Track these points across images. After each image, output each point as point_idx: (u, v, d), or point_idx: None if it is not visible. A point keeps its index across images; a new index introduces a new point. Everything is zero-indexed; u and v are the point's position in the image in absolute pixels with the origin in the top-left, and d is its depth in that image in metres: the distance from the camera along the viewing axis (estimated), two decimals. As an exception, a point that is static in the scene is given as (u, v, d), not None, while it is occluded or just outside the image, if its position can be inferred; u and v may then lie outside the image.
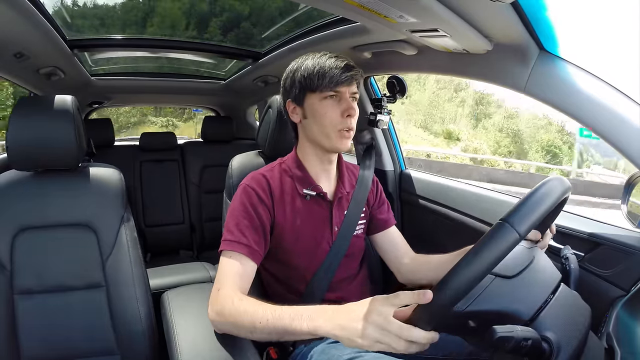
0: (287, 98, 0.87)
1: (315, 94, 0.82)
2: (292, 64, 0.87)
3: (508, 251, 0.47)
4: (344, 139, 0.83)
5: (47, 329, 0.87)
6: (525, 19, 0.69)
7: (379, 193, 1.01)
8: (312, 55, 0.84)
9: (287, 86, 0.86)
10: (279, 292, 0.91)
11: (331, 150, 0.86)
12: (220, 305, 0.71)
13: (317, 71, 0.80)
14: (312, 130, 0.84)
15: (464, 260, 0.48)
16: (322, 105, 0.81)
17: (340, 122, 0.81)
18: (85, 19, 1.55)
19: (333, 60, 0.81)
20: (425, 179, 1.36)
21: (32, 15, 0.97)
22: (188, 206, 2.14)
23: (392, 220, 1.01)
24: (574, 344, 0.51)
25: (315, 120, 0.83)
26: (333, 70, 0.80)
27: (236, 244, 0.78)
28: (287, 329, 0.62)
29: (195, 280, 1.46)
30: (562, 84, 0.74)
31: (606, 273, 0.78)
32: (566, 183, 0.56)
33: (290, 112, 0.87)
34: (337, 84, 0.80)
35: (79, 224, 0.93)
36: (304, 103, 0.84)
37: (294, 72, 0.85)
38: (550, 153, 18.38)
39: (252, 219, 0.81)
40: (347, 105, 0.81)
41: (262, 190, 0.84)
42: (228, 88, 2.16)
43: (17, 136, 0.87)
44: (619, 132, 0.68)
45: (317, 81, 0.80)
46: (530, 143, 19.49)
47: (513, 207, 0.50)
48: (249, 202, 0.82)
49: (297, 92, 0.84)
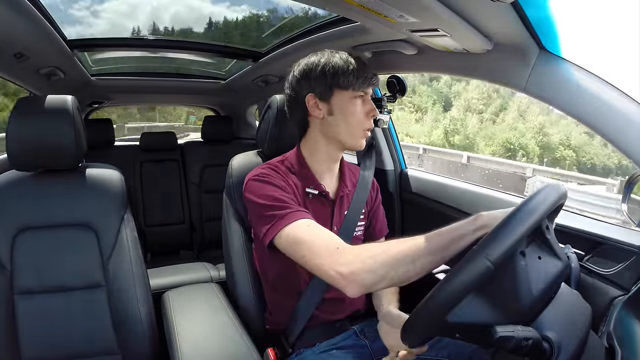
0: (309, 92, 0.83)
1: (347, 92, 0.82)
2: (312, 58, 0.85)
3: (479, 279, 0.47)
4: (364, 138, 0.86)
5: (47, 329, 0.87)
6: (525, 19, 0.69)
7: (376, 197, 1.02)
8: (331, 53, 0.84)
9: (310, 80, 0.83)
10: (279, 291, 0.91)
11: (351, 148, 0.87)
12: (354, 255, 0.64)
13: (352, 70, 0.81)
14: (337, 127, 0.84)
15: (439, 284, 0.48)
16: (352, 104, 0.83)
17: (366, 122, 0.84)
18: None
19: (355, 60, 0.83)
20: (426, 178, 1.36)
21: (32, 15, 0.97)
22: (188, 206, 2.14)
23: (384, 230, 1.02)
24: (575, 343, 0.51)
25: (345, 118, 0.83)
26: (363, 71, 0.82)
27: (296, 213, 0.75)
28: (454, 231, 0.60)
29: (195, 280, 1.46)
30: (562, 84, 0.74)
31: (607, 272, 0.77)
32: (553, 195, 0.54)
33: (311, 107, 0.84)
34: (368, 85, 0.83)
35: (79, 224, 0.93)
36: (331, 99, 0.83)
37: (320, 67, 0.82)
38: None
39: (284, 189, 0.80)
40: (371, 106, 0.85)
41: (276, 174, 0.84)
42: (228, 88, 2.16)
43: (17, 136, 0.87)
44: (619, 131, 0.68)
45: (351, 79, 0.81)
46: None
47: (490, 234, 0.49)
48: (270, 182, 0.81)
49: (324, 87, 0.82)
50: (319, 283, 0.86)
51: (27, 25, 1.01)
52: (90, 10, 2.98)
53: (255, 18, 1.13)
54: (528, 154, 23.42)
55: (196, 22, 4.58)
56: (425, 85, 26.58)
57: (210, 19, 2.28)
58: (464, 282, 0.47)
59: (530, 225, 0.49)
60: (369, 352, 0.88)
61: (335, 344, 0.87)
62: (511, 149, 23.30)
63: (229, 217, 1.00)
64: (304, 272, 0.86)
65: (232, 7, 0.89)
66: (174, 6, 7.44)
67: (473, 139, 24.24)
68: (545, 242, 0.55)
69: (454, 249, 0.60)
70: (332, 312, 0.90)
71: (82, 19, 2.23)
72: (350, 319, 0.92)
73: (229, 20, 1.63)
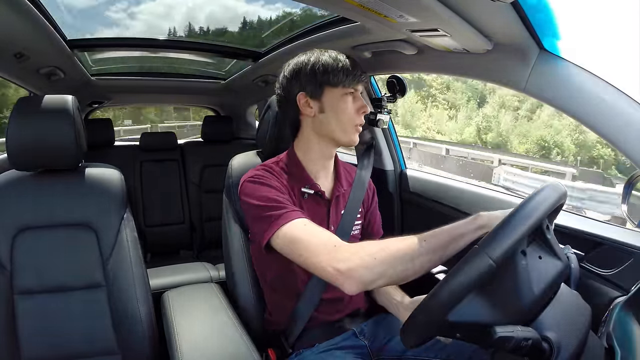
0: (300, 91, 0.84)
1: (337, 89, 0.83)
2: (302, 57, 0.86)
3: (480, 278, 0.47)
4: (357, 133, 0.87)
5: (47, 329, 0.87)
6: (525, 19, 0.69)
7: (373, 198, 1.02)
8: (320, 51, 0.85)
9: (301, 79, 0.84)
10: (277, 292, 0.91)
11: (345, 144, 0.88)
12: (352, 252, 0.64)
13: (341, 67, 0.82)
14: (328, 125, 0.85)
15: (441, 282, 0.48)
16: (342, 101, 0.84)
17: (357, 118, 0.85)
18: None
19: (344, 57, 0.84)
20: (425, 178, 1.36)
21: (32, 15, 0.97)
22: (188, 206, 2.14)
23: (380, 233, 1.03)
24: (574, 343, 0.51)
25: (335, 115, 0.84)
26: (352, 68, 0.83)
27: (291, 213, 0.75)
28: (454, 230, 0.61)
29: (195, 280, 1.46)
30: (562, 84, 0.74)
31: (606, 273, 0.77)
32: (554, 194, 0.55)
33: (302, 106, 0.85)
34: (358, 82, 0.84)
35: (79, 224, 0.93)
36: (321, 97, 0.84)
37: (309, 66, 0.83)
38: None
39: (280, 190, 0.81)
40: (362, 102, 0.86)
41: (270, 175, 0.84)
42: (228, 88, 2.16)
43: (17, 136, 0.87)
44: (619, 131, 0.68)
45: (340, 77, 0.82)
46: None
47: (491, 232, 0.50)
48: (265, 183, 0.81)
49: (314, 85, 0.83)
50: (318, 283, 0.86)
51: (27, 25, 1.01)
52: (127, 12, 2.98)
53: (289, 17, 1.12)
54: (563, 152, 22.14)
55: (231, 21, 4.58)
56: (460, 82, 25.36)
57: (244, 18, 2.26)
58: (466, 280, 0.47)
59: (532, 223, 0.50)
60: (369, 352, 0.88)
61: (334, 344, 0.87)
62: (545, 147, 22.16)
63: (229, 217, 1.00)
64: (302, 272, 0.86)
65: (267, 6, 0.89)
66: (209, 6, 7.42)
67: (506, 137, 23.20)
68: (545, 242, 0.55)
69: (453, 248, 0.60)
70: (332, 312, 0.90)
71: (119, 21, 2.22)
72: (349, 320, 0.92)
73: (263, 19, 1.63)
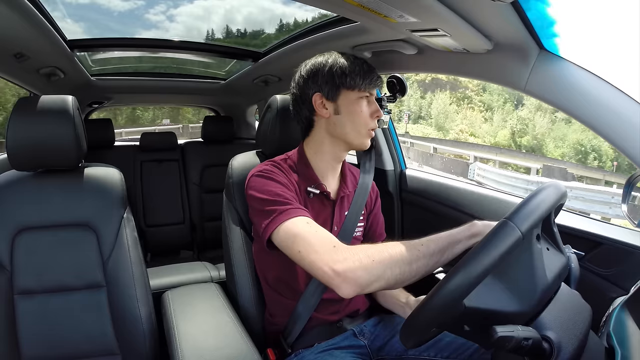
0: (316, 92, 0.85)
1: (354, 92, 0.84)
2: (320, 58, 0.87)
3: (510, 249, 0.48)
4: (369, 138, 0.88)
5: (47, 330, 0.87)
6: (525, 19, 0.69)
7: (376, 200, 1.02)
8: (338, 54, 0.86)
9: (318, 80, 0.85)
10: (278, 292, 0.91)
11: (357, 147, 0.88)
12: (350, 253, 0.64)
13: (358, 71, 0.83)
14: (343, 127, 0.85)
15: (469, 255, 0.48)
16: (358, 104, 0.84)
17: (371, 122, 0.86)
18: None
19: (362, 61, 0.85)
20: (426, 178, 1.36)
21: (32, 15, 0.97)
22: (188, 206, 2.14)
23: (383, 235, 1.03)
24: (575, 343, 0.51)
25: (351, 117, 0.84)
26: (369, 72, 0.84)
27: (295, 210, 0.75)
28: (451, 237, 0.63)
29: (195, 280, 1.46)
30: (562, 83, 0.74)
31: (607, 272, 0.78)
32: (562, 189, 0.58)
33: (317, 106, 0.86)
34: (374, 86, 0.85)
35: (79, 224, 0.93)
36: (338, 99, 0.84)
37: (327, 67, 0.84)
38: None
39: (286, 186, 0.81)
40: (376, 107, 0.86)
41: (279, 171, 0.85)
42: (228, 88, 2.16)
43: (17, 136, 0.87)
44: (619, 131, 0.68)
45: (358, 80, 0.83)
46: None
47: (516, 207, 0.51)
48: (273, 178, 0.82)
49: (331, 87, 0.84)
50: (318, 284, 0.86)
51: (27, 25, 1.01)
52: (167, 14, 2.98)
53: (325, 18, 1.13)
54: (600, 157, 21.56)
55: (269, 22, 4.58)
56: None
57: (281, 20, 2.28)
58: (496, 251, 0.47)
59: (554, 201, 0.53)
60: (368, 352, 0.88)
61: (334, 344, 0.87)
62: (582, 151, 21.49)
63: (229, 217, 1.00)
64: (303, 273, 0.86)
65: (304, 7, 0.89)
66: (246, 7, 7.44)
67: (542, 140, 22.70)
68: (551, 235, 0.58)
69: (450, 254, 0.62)
70: (332, 312, 0.90)
71: (159, 24, 2.22)
72: (349, 320, 0.92)
73: (299, 21, 1.63)
